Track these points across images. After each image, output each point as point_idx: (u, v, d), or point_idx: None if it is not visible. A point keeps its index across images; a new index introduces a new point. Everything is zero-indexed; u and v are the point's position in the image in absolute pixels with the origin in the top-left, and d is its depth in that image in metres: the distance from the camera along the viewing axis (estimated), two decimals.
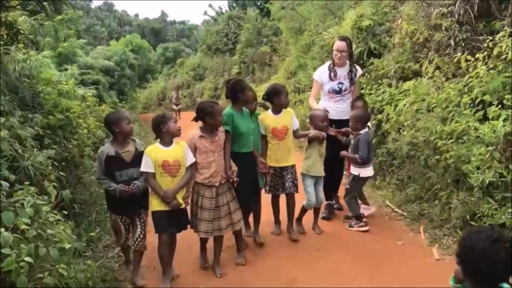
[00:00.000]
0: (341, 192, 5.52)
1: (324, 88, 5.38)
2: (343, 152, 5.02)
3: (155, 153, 3.76)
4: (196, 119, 4.07)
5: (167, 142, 3.82)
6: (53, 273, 3.14)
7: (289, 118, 4.67)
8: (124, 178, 3.82)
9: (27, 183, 3.36)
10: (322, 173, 4.90)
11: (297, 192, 4.76)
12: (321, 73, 5.43)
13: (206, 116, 3.93)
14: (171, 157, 3.77)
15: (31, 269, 2.98)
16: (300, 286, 3.86)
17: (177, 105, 18.72)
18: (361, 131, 4.95)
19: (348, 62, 5.36)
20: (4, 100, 4.25)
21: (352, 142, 5.03)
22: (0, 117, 3.68)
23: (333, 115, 5.18)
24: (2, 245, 2.67)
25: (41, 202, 3.21)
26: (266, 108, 4.98)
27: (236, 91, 4.26)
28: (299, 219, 5.00)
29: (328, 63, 5.47)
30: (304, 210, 4.97)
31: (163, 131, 3.80)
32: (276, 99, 4.62)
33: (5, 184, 3.13)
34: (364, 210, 5.25)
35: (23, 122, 4.38)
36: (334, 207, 5.57)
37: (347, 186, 5.12)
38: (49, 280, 3.03)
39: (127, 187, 3.77)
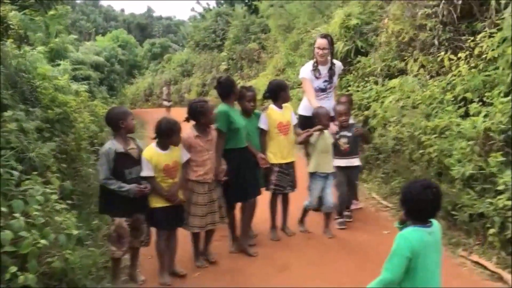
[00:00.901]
0: None
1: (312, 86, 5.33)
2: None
3: (156, 158, 3.75)
4: (188, 120, 4.12)
5: (164, 146, 3.83)
6: (60, 258, 3.31)
7: (290, 113, 4.75)
8: (133, 175, 3.69)
9: (35, 173, 3.53)
10: (330, 169, 4.78)
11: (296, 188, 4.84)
12: (307, 70, 5.38)
13: (200, 116, 4.02)
14: (171, 160, 3.81)
15: (40, 254, 3.15)
16: (292, 271, 4.08)
17: (168, 101, 17.69)
18: (353, 122, 5.13)
19: (329, 59, 5.34)
20: (7, 94, 4.39)
21: (348, 134, 4.93)
22: (6, 111, 3.83)
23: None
24: (17, 229, 2.84)
25: (49, 190, 3.39)
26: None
27: (229, 87, 4.34)
28: (301, 220, 5.00)
29: (311, 61, 5.44)
30: (305, 211, 4.95)
31: (166, 140, 3.80)
32: (283, 94, 4.66)
33: (16, 173, 3.29)
34: (353, 205, 5.35)
35: (25, 115, 4.52)
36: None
37: (357, 182, 5.24)
38: (57, 264, 3.20)
39: (142, 187, 3.66)
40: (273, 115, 4.64)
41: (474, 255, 4.14)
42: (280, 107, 4.71)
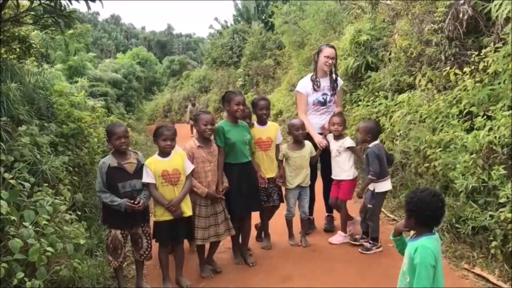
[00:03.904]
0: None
1: (308, 100, 5.24)
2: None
3: (154, 164, 3.90)
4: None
5: (164, 154, 3.98)
6: (68, 266, 3.46)
7: (274, 131, 4.79)
8: (127, 189, 3.80)
9: (45, 184, 3.70)
10: (304, 182, 4.95)
11: (283, 202, 4.95)
12: (304, 84, 5.30)
13: (194, 122, 4.25)
14: (169, 166, 3.93)
15: (48, 263, 3.30)
16: (295, 282, 4.15)
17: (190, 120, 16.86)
18: (370, 144, 4.74)
19: (330, 71, 5.27)
20: (24, 110, 4.61)
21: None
22: (21, 126, 4.03)
23: (319, 129, 5.19)
24: (26, 237, 3.00)
25: (59, 201, 3.55)
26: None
27: (223, 103, 4.52)
28: (290, 234, 5.10)
29: (309, 74, 5.38)
30: (288, 222, 5.08)
31: (156, 142, 4.01)
32: (253, 111, 4.80)
33: (27, 185, 3.46)
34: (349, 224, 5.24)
35: (39, 130, 4.74)
36: (334, 220, 5.53)
37: (370, 206, 4.76)
38: (65, 273, 3.35)
39: (133, 202, 3.75)
40: (252, 131, 4.68)
41: (477, 268, 4.15)
42: (263, 124, 4.79)
